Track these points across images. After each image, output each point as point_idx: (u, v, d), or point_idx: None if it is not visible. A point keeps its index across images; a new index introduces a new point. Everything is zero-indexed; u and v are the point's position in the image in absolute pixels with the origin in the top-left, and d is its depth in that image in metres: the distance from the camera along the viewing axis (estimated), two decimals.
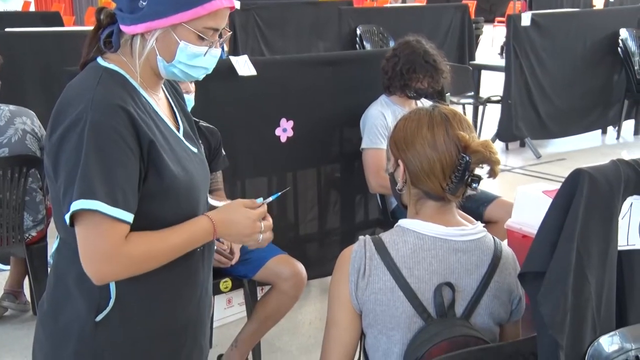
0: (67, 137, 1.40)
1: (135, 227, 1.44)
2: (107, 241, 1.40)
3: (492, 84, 7.97)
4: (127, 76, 1.51)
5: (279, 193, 1.65)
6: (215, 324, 3.30)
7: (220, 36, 1.54)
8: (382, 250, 1.62)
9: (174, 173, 1.49)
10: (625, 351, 1.58)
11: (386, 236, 1.66)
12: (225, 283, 2.92)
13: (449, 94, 5.38)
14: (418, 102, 3.52)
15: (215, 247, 1.83)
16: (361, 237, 1.67)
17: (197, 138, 1.69)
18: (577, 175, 1.51)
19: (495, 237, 1.72)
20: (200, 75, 1.56)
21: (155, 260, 1.47)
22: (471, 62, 8.30)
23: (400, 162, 1.67)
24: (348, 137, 3.70)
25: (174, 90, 1.71)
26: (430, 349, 1.55)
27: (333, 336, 1.65)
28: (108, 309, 1.50)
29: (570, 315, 1.48)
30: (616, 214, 1.57)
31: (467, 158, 1.58)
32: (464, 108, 7.41)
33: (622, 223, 1.59)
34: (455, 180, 1.60)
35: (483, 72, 7.69)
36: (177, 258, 1.50)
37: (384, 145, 3.37)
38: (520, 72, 6.67)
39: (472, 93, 7.36)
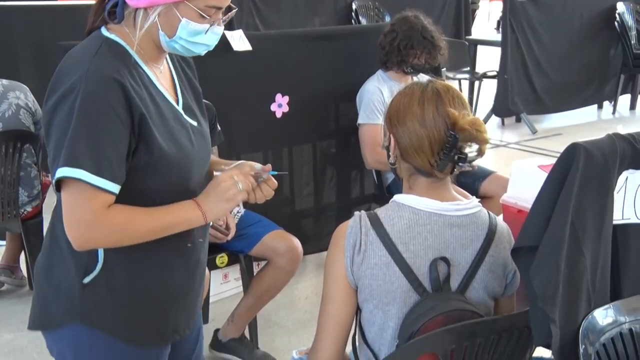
0: (61, 104, 1.42)
1: (127, 199, 1.46)
2: (88, 209, 1.42)
3: (488, 59, 7.95)
4: (128, 48, 1.52)
5: (263, 178, 1.63)
6: (211, 299, 3.29)
7: (227, 12, 1.55)
8: (377, 225, 1.62)
9: (163, 147, 1.49)
10: (619, 324, 1.60)
11: (381, 211, 1.66)
12: (222, 258, 2.93)
13: (444, 69, 5.36)
14: (415, 77, 3.51)
15: (212, 223, 1.82)
16: (356, 213, 1.66)
17: (202, 111, 1.69)
18: (572, 150, 1.51)
19: (490, 212, 1.72)
20: (202, 51, 1.56)
21: (135, 232, 1.48)
22: (467, 37, 8.26)
23: (392, 136, 1.67)
24: (344, 112, 3.68)
25: (185, 62, 1.71)
26: (425, 323, 1.56)
27: (329, 311, 1.66)
28: (95, 272, 1.53)
29: (565, 289, 1.49)
30: (612, 188, 1.57)
31: (455, 135, 1.57)
32: (459, 83, 7.39)
33: (617, 197, 1.59)
34: (443, 157, 1.60)
35: (479, 47, 7.66)
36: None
37: (380, 120, 3.36)
38: (517, 46, 6.64)
39: (468, 68, 7.33)
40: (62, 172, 1.40)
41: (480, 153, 1.61)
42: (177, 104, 1.61)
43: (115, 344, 1.57)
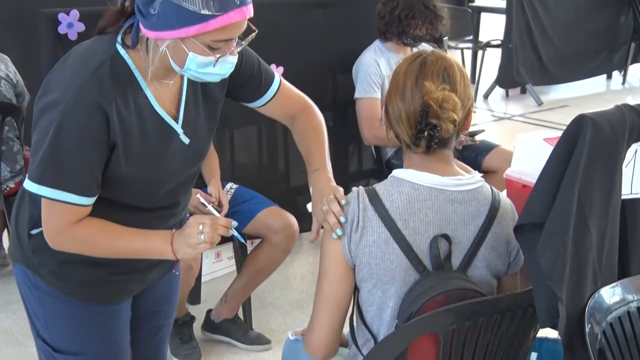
0: (45, 114, 1.50)
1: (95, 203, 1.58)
2: (56, 220, 1.57)
3: (492, 27, 7.90)
4: (133, 68, 1.57)
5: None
6: (203, 279, 3.32)
7: (245, 34, 1.58)
8: (376, 201, 1.63)
9: (125, 172, 1.58)
10: (627, 302, 1.60)
11: (380, 187, 1.66)
12: None
13: (446, 37, 5.34)
14: (415, 48, 3.48)
15: (203, 201, 1.88)
16: (354, 189, 1.67)
17: (211, 122, 1.74)
18: (579, 121, 1.51)
19: (494, 187, 1.72)
20: (217, 78, 1.60)
21: (99, 248, 1.61)
22: (470, 4, 8.21)
23: (384, 106, 1.69)
24: (341, 83, 3.67)
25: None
26: (426, 303, 1.56)
27: (325, 290, 1.67)
28: (39, 229, 1.64)
29: (571, 266, 1.49)
30: (620, 162, 1.57)
31: (426, 110, 1.58)
32: (462, 53, 7.36)
33: (626, 171, 1.59)
34: (416, 132, 1.61)
35: (483, 14, 7.62)
36: (119, 207, 1.62)
37: (378, 94, 3.36)
38: (522, 13, 6.58)
39: (471, 37, 7.30)
40: (27, 185, 1.54)
41: (443, 131, 1.60)
42: (177, 121, 1.65)
43: (54, 293, 1.71)
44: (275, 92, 1.85)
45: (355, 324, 1.73)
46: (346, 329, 1.75)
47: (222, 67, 1.56)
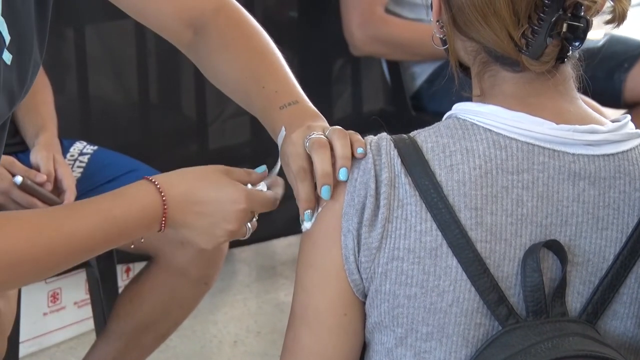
0: None
1: None
2: None
3: None
4: None
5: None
6: (24, 350, 3.32)
7: None
8: (417, 166, 1.61)
9: None
10: None
11: (426, 136, 1.65)
12: None
13: None
14: None
15: (22, 180, 2.08)
16: (369, 138, 1.68)
17: (34, 31, 1.81)
18: None
19: None
20: None
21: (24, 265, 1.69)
22: None
23: None
24: None
25: None
26: None
27: (305, 348, 1.69)
28: None
29: None
30: None
31: None
32: None
33: None
34: (538, 27, 1.61)
35: None
36: None
37: None
38: None
39: None
40: None
41: (617, 17, 1.65)
42: None
43: None
44: None
45: None
46: None
47: None
